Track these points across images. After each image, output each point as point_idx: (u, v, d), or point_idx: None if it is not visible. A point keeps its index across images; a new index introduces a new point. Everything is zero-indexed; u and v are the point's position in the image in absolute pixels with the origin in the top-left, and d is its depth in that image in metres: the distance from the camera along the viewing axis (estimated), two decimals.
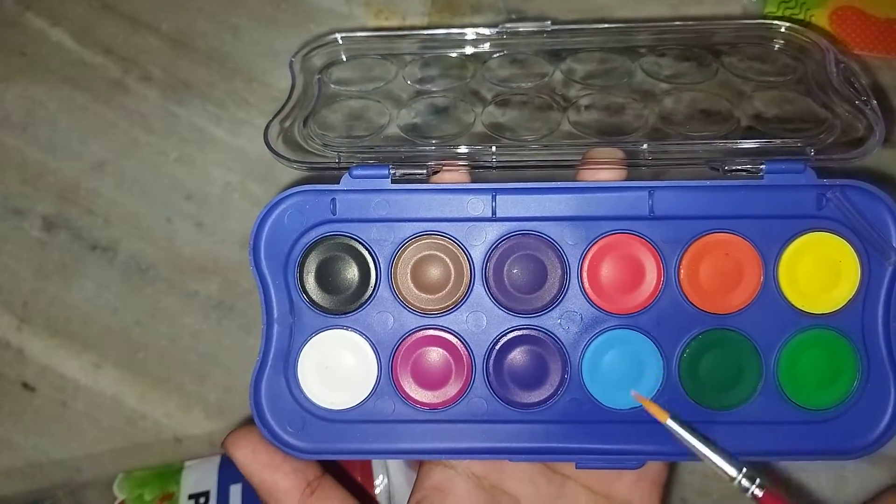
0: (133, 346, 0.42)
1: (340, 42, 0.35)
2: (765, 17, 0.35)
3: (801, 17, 0.41)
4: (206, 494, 0.39)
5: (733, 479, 0.26)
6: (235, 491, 0.38)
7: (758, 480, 0.26)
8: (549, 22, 0.34)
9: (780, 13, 0.41)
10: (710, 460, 0.27)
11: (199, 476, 0.39)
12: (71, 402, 0.43)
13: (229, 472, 0.39)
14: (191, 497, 0.39)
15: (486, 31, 0.35)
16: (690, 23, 0.35)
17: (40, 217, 0.43)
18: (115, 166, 0.44)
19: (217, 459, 0.40)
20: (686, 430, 0.27)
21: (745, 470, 0.26)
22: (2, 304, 0.43)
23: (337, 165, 0.31)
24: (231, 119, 0.43)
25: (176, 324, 0.42)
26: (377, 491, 0.39)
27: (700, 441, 0.27)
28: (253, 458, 0.30)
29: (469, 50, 0.36)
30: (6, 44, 0.45)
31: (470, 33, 0.35)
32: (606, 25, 0.35)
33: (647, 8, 0.43)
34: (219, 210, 0.43)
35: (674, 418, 0.28)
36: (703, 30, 0.35)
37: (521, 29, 0.35)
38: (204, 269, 0.43)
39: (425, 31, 0.36)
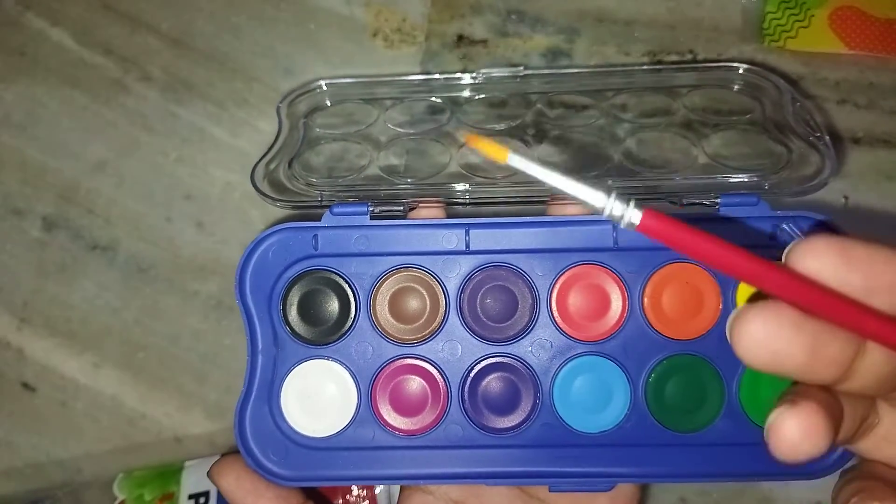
0: (133, 345, 0.42)
1: (325, 88, 0.37)
2: (727, 60, 0.38)
3: (801, 17, 0.41)
4: (206, 494, 0.39)
5: (601, 209, 0.21)
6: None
7: (632, 202, 0.21)
8: (522, 67, 0.37)
9: (779, 13, 0.41)
10: (571, 193, 0.22)
11: (200, 476, 0.40)
12: (71, 402, 0.43)
13: None
14: (191, 497, 0.39)
15: (464, 77, 0.37)
16: (656, 67, 0.38)
17: (40, 217, 0.44)
18: (115, 166, 0.44)
19: (217, 459, 0.40)
20: (536, 164, 0.22)
21: (614, 194, 0.21)
22: (2, 304, 0.43)
23: (319, 203, 0.33)
24: (231, 119, 0.43)
25: (176, 324, 0.42)
26: (377, 491, 0.39)
27: (556, 172, 0.22)
28: (237, 485, 0.32)
29: (446, 94, 0.38)
30: (6, 44, 0.45)
31: (447, 79, 0.38)
32: (575, 70, 0.38)
33: (645, 8, 0.43)
34: (219, 210, 0.43)
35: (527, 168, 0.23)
36: (667, 73, 0.37)
37: (495, 74, 0.37)
38: (204, 269, 0.43)
39: (405, 78, 0.38)
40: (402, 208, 0.33)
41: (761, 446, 0.31)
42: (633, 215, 0.21)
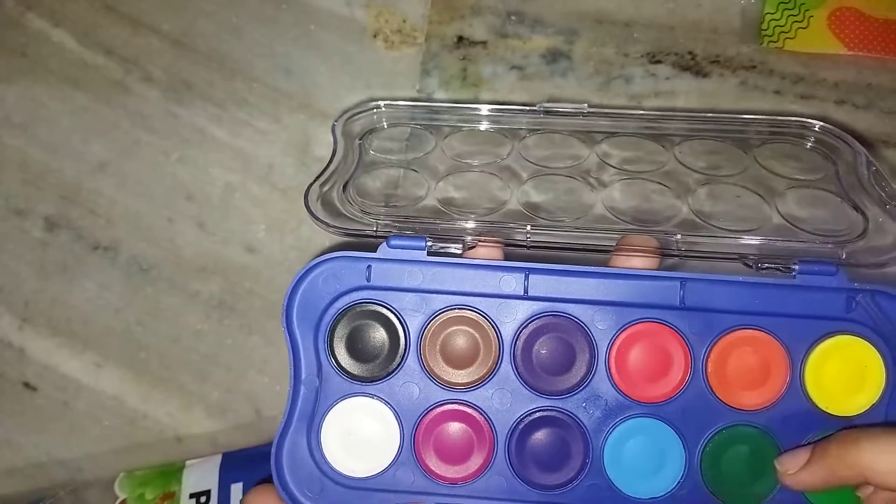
0: (134, 345, 0.43)
1: (382, 109, 0.36)
2: (800, 116, 0.35)
3: (799, 18, 0.41)
4: (206, 493, 0.39)
5: None
6: (236, 490, 0.39)
7: None
8: (585, 105, 0.35)
9: (778, 14, 0.41)
10: None
11: (201, 475, 0.40)
12: (72, 402, 0.43)
13: (230, 471, 0.39)
14: (192, 496, 0.39)
15: (525, 108, 0.36)
16: (725, 115, 0.36)
17: (42, 217, 0.44)
18: (117, 167, 0.44)
19: (218, 459, 0.40)
20: None
21: None
22: (3, 304, 0.43)
23: (374, 233, 0.32)
24: (232, 119, 0.44)
25: (177, 324, 0.43)
26: None
27: None
28: None
29: (506, 126, 0.37)
30: (8, 44, 0.45)
31: (509, 110, 0.36)
32: (642, 112, 0.36)
33: (644, 9, 0.43)
34: (220, 210, 0.43)
35: None
36: (737, 122, 0.36)
37: (558, 109, 0.35)
38: (205, 269, 0.43)
39: (464, 105, 0.37)
40: (460, 246, 0.32)
41: None
42: None
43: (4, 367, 0.43)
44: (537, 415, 0.32)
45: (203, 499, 0.39)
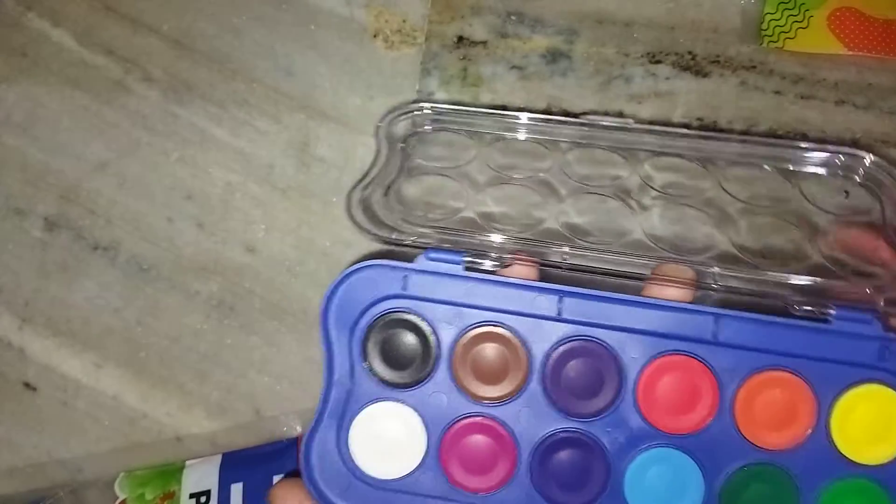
0: (134, 345, 0.43)
1: (428, 111, 0.36)
2: (852, 144, 0.35)
3: (799, 18, 0.41)
4: (206, 493, 0.39)
5: None
6: (236, 490, 0.39)
7: None
8: (631, 120, 0.35)
9: (778, 14, 0.41)
10: None
11: (201, 475, 0.40)
12: (72, 402, 0.43)
13: (230, 471, 0.40)
14: (192, 496, 0.39)
15: (568, 120, 0.36)
16: (773, 140, 0.35)
17: (42, 217, 0.44)
18: (117, 167, 0.44)
19: (218, 459, 0.40)
20: None
21: None
22: (3, 304, 0.43)
23: (412, 243, 0.32)
24: (232, 120, 0.44)
25: (177, 323, 0.43)
26: None
27: None
28: None
29: (548, 137, 0.36)
30: (8, 44, 0.45)
31: (552, 120, 0.36)
32: (688, 131, 0.35)
33: (644, 9, 0.43)
34: (220, 210, 0.43)
35: None
36: (787, 149, 0.35)
37: (603, 123, 0.35)
38: (205, 269, 0.43)
39: (508, 113, 0.36)
40: (497, 263, 0.32)
41: None
42: None
43: (4, 367, 0.43)
44: (562, 435, 0.32)
45: (203, 499, 0.39)
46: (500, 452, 0.32)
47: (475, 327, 0.32)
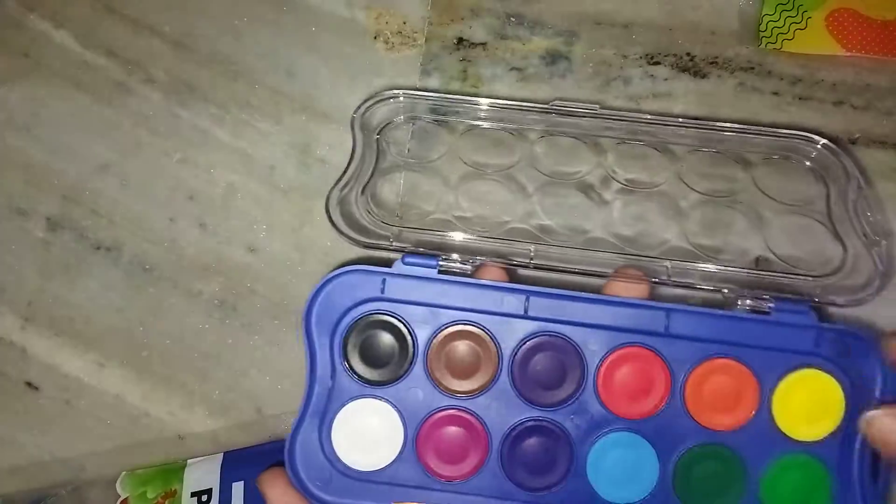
0: (136, 345, 0.43)
1: (401, 99, 0.37)
2: (803, 129, 0.37)
3: (797, 19, 0.42)
4: (208, 492, 0.39)
5: None
6: (238, 488, 0.39)
7: None
8: (597, 105, 0.37)
9: (776, 16, 0.42)
10: None
11: (202, 474, 0.40)
12: (74, 401, 0.43)
13: (232, 469, 0.40)
14: (193, 495, 0.39)
15: (536, 106, 0.37)
16: (731, 126, 0.37)
17: (44, 217, 0.44)
18: (119, 167, 0.44)
19: (219, 457, 0.41)
20: None
21: None
22: (6, 304, 0.44)
23: (390, 247, 0.35)
24: (234, 121, 0.44)
25: (179, 323, 0.43)
26: None
27: None
28: (283, 499, 0.33)
29: (517, 125, 0.38)
30: (10, 45, 0.45)
31: (520, 107, 0.37)
32: (651, 116, 0.37)
33: (643, 11, 0.43)
34: (221, 211, 0.43)
35: None
36: (742, 134, 0.37)
37: (569, 109, 0.37)
38: (207, 269, 0.43)
39: (479, 99, 0.38)
40: (469, 266, 0.34)
41: None
42: None
43: (7, 366, 0.43)
44: (529, 424, 0.34)
45: (205, 497, 0.39)
46: (473, 442, 0.34)
47: (449, 326, 0.34)
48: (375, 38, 0.44)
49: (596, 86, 0.42)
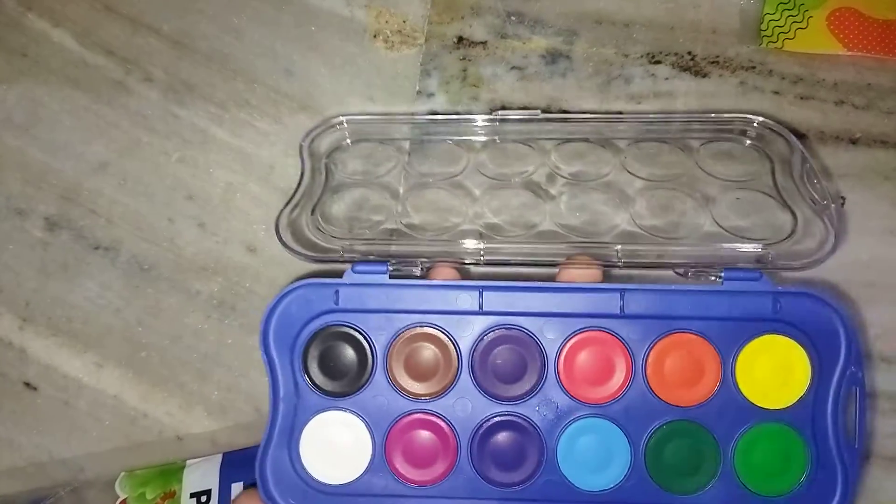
0: (135, 345, 0.43)
1: (345, 125, 0.38)
2: (741, 112, 0.38)
3: (798, 18, 0.42)
4: (207, 493, 0.39)
5: None
6: (237, 489, 0.39)
7: None
8: (538, 111, 0.38)
9: (777, 15, 0.42)
10: None
11: (201, 474, 0.40)
12: (73, 402, 0.43)
13: (231, 470, 0.40)
14: (192, 495, 0.39)
15: (481, 117, 0.39)
16: (672, 116, 0.39)
17: (42, 217, 0.44)
18: (117, 167, 0.44)
19: (219, 458, 0.40)
20: None
21: None
22: (4, 304, 0.43)
23: (341, 258, 0.35)
24: (233, 120, 0.44)
25: (178, 323, 0.43)
26: None
27: None
28: None
29: (463, 136, 0.39)
30: (8, 45, 0.45)
31: (465, 119, 0.39)
32: (592, 116, 0.38)
33: (644, 10, 0.43)
34: (220, 210, 0.43)
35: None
36: (682, 123, 0.38)
37: (511, 117, 0.38)
38: (206, 269, 0.43)
39: (422, 117, 0.39)
40: (419, 268, 0.34)
41: None
42: None
43: (5, 367, 0.43)
44: (495, 420, 0.34)
45: (204, 498, 0.39)
46: (442, 444, 0.34)
47: (405, 330, 0.35)
48: (375, 36, 0.44)
49: (596, 85, 0.42)
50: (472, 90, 0.43)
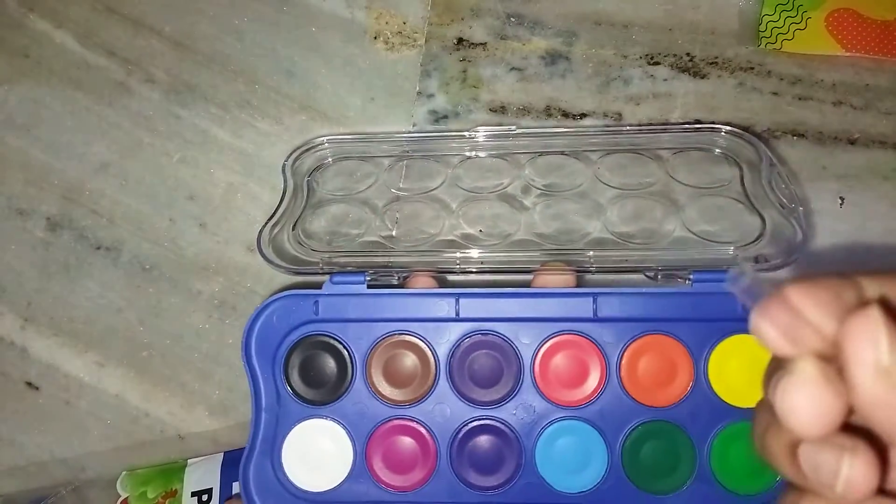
0: (136, 345, 0.43)
1: (326, 145, 0.39)
2: (710, 123, 0.39)
3: (797, 19, 0.42)
4: (208, 492, 0.39)
5: None
6: (238, 488, 0.39)
7: None
8: (514, 127, 0.39)
9: (776, 16, 0.42)
10: None
11: (202, 473, 0.40)
12: (74, 401, 0.43)
13: (232, 469, 0.40)
14: (194, 494, 0.39)
15: (458, 133, 0.39)
16: (644, 127, 0.40)
17: (44, 218, 0.44)
18: (119, 167, 0.44)
19: (220, 457, 0.41)
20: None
21: None
22: (6, 304, 0.44)
23: (320, 270, 0.35)
24: (234, 120, 0.44)
25: (179, 323, 0.43)
26: None
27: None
28: None
29: (444, 151, 0.40)
30: (10, 46, 0.45)
31: (443, 136, 0.40)
32: (567, 130, 0.39)
33: (643, 11, 0.43)
34: (221, 211, 0.43)
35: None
36: (653, 134, 0.39)
37: (489, 132, 0.39)
38: (207, 269, 0.43)
39: (401, 134, 0.40)
40: (396, 278, 0.35)
41: None
42: None
43: (7, 366, 0.43)
44: (474, 424, 0.35)
45: (205, 497, 0.39)
46: (421, 449, 0.35)
47: (384, 339, 0.35)
48: (375, 38, 0.44)
49: (596, 86, 0.43)
50: (471, 91, 0.43)
